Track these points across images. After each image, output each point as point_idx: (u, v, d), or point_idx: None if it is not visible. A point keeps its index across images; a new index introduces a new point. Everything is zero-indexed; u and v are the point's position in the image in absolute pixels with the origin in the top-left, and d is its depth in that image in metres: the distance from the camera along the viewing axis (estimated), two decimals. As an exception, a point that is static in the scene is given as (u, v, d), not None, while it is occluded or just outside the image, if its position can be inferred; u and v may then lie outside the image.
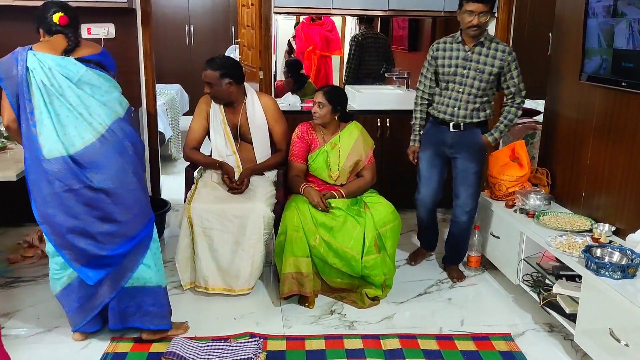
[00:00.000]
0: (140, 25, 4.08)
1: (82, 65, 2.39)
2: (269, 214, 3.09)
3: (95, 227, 2.40)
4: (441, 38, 3.32)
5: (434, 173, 3.40)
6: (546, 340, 2.81)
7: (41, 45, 2.43)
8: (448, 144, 3.32)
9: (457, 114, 3.25)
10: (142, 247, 2.54)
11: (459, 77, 3.21)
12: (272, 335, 2.77)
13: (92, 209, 2.39)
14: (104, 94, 2.43)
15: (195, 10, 8.12)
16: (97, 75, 2.43)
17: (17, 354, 2.56)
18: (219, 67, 3.21)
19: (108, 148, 2.39)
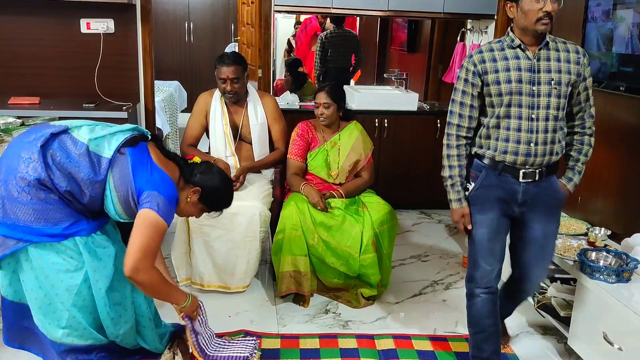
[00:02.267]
0: (139, 21, 4.08)
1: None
2: (265, 212, 3.09)
3: None
4: (483, 46, 2.32)
5: (498, 241, 2.34)
6: (540, 343, 2.82)
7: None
8: (518, 201, 2.28)
9: (534, 152, 2.21)
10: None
11: (526, 97, 2.19)
12: (267, 334, 2.77)
13: None
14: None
15: (195, 7, 8.12)
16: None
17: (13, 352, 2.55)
18: (241, 61, 3.21)
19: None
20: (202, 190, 2.24)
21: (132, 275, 2.01)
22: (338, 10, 4.18)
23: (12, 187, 2.03)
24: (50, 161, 2.03)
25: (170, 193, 2.11)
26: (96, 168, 2.07)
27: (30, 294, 2.13)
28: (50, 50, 4.09)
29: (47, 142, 2.04)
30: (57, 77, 4.14)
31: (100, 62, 4.06)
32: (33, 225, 2.05)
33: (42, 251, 2.08)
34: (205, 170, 2.28)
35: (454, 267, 3.63)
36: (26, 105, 3.84)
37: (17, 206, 2.03)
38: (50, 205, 2.06)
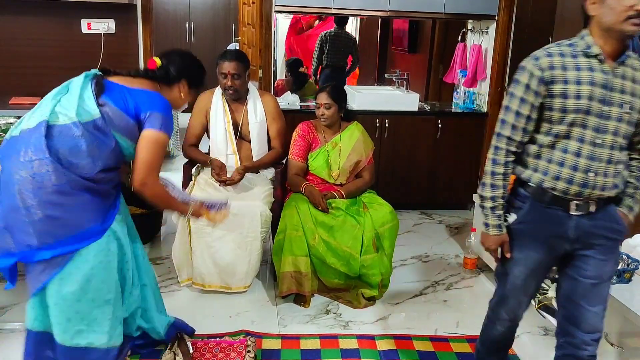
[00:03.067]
0: (140, 21, 4.08)
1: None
2: (266, 212, 3.09)
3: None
4: (550, 47, 1.93)
5: (535, 279, 2.06)
6: (541, 343, 2.82)
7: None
8: (568, 238, 1.93)
9: (592, 184, 1.86)
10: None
11: (594, 118, 1.84)
12: (267, 334, 2.77)
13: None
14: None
15: (196, 7, 8.12)
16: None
17: (12, 348, 2.56)
18: (243, 58, 3.21)
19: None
20: (189, 79, 2.31)
21: (140, 188, 2.12)
22: (339, 10, 4.18)
23: (39, 209, 1.95)
24: (66, 160, 1.98)
25: (161, 102, 2.14)
26: (100, 135, 2.03)
27: (70, 309, 2.06)
28: (51, 50, 4.09)
29: (47, 147, 1.95)
30: (58, 77, 4.08)
31: (101, 63, 4.06)
32: (76, 231, 2.01)
33: (86, 255, 2.05)
34: (170, 62, 2.27)
35: (455, 268, 3.63)
36: (27, 105, 3.83)
37: (53, 222, 1.98)
38: (83, 201, 2.02)
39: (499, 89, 4.36)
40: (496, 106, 4.39)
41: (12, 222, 1.97)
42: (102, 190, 2.08)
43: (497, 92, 4.36)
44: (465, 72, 4.56)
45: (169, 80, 2.26)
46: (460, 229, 4.33)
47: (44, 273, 2.01)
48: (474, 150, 4.50)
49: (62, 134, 1.98)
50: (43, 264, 2.00)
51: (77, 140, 1.98)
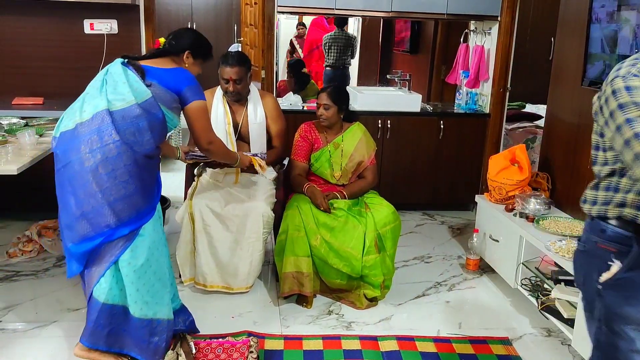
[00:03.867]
0: (143, 22, 4.09)
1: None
2: (268, 213, 3.09)
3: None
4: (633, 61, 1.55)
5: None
6: (544, 344, 2.81)
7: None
8: None
9: None
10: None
11: None
12: (270, 335, 2.76)
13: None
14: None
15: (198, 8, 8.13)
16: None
17: (15, 348, 2.56)
18: (245, 62, 3.22)
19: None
20: (191, 50, 2.54)
21: (209, 147, 2.56)
22: (341, 11, 4.18)
23: (116, 189, 2.19)
24: (131, 141, 2.22)
25: (187, 76, 2.44)
26: (153, 110, 2.29)
27: (139, 281, 2.28)
28: (54, 50, 4.10)
29: (116, 131, 2.19)
30: (61, 78, 4.15)
31: (104, 63, 4.07)
32: (141, 209, 2.27)
33: (151, 225, 2.32)
34: (174, 37, 2.54)
35: (457, 269, 3.63)
36: (30, 105, 3.85)
37: (126, 201, 2.21)
38: (146, 177, 2.30)
39: (502, 89, 4.35)
40: (498, 107, 4.39)
41: (89, 208, 2.19)
42: (154, 167, 2.39)
43: (500, 93, 4.36)
44: (468, 73, 4.55)
45: (176, 52, 2.52)
46: (462, 229, 4.32)
47: (117, 247, 2.24)
48: (477, 151, 4.50)
49: (125, 117, 2.23)
50: (119, 240, 2.23)
51: (138, 119, 2.24)
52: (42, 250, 3.54)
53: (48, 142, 3.02)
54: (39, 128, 3.19)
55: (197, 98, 2.42)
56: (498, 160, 3.53)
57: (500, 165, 3.49)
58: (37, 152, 2.81)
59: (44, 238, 3.56)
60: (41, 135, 3.12)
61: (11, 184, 3.77)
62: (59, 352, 2.56)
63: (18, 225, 3.92)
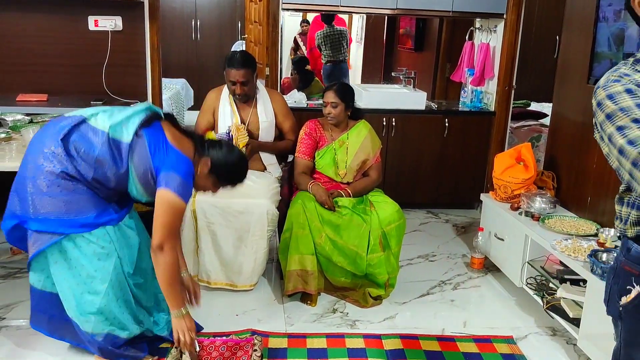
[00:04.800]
0: (147, 19, 4.08)
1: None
2: (273, 211, 3.08)
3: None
4: (618, 68, 1.45)
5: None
6: (549, 344, 2.80)
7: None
8: None
9: None
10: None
11: None
12: (274, 333, 2.76)
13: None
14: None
15: (202, 5, 8.11)
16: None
17: (18, 344, 2.56)
18: (250, 64, 3.20)
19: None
20: (212, 161, 2.29)
21: (157, 250, 2.13)
22: (346, 8, 4.16)
23: (40, 182, 2.11)
24: (74, 153, 2.12)
25: (186, 170, 2.18)
26: (117, 158, 2.14)
27: (64, 284, 2.23)
28: (58, 47, 4.10)
29: (67, 134, 2.12)
30: (65, 74, 4.15)
31: (108, 60, 4.07)
32: (65, 217, 2.14)
33: (75, 242, 2.19)
34: (216, 143, 2.36)
35: (462, 267, 3.62)
36: (34, 102, 3.85)
37: (47, 200, 2.12)
38: (80, 195, 2.15)
39: (507, 87, 4.33)
40: (504, 105, 4.37)
41: (20, 188, 2.16)
42: (101, 194, 2.22)
43: (505, 91, 4.34)
44: (473, 71, 4.54)
45: (201, 153, 2.30)
46: (467, 228, 4.31)
47: (34, 242, 2.17)
48: (481, 149, 4.48)
49: (87, 135, 2.14)
50: (35, 236, 2.16)
51: (95, 147, 2.12)
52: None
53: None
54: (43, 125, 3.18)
55: (172, 189, 2.11)
56: (503, 159, 3.51)
57: (505, 163, 3.48)
58: (41, 149, 2.80)
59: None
60: (45, 132, 3.11)
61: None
62: (61, 348, 2.55)
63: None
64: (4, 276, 3.22)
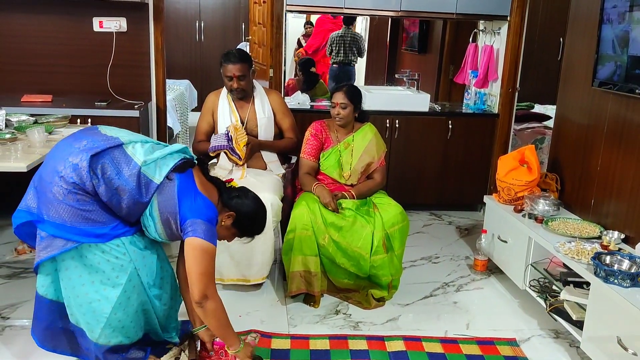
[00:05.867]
0: (152, 20, 4.09)
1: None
2: (277, 202, 3.09)
3: None
4: None
5: None
6: (552, 346, 2.80)
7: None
8: None
9: None
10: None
11: None
12: (277, 334, 2.76)
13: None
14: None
15: (206, 7, 8.14)
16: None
17: (21, 344, 2.57)
18: (246, 59, 3.24)
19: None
20: (237, 215, 2.29)
21: (202, 300, 2.09)
22: (350, 10, 4.17)
23: (57, 190, 2.05)
24: (99, 173, 2.05)
25: (212, 216, 2.16)
26: (143, 190, 2.10)
27: (72, 292, 2.16)
28: (63, 48, 4.11)
29: (100, 152, 2.06)
30: (70, 75, 4.16)
31: (112, 61, 4.08)
32: (80, 226, 2.07)
33: (89, 251, 2.12)
34: (241, 195, 2.33)
35: (465, 269, 3.61)
36: (39, 103, 3.86)
37: (63, 208, 2.06)
38: (94, 208, 2.08)
39: (510, 89, 4.33)
40: (507, 107, 4.37)
41: (39, 187, 2.11)
42: (94, 215, 2.11)
43: (509, 93, 4.34)
44: (477, 73, 4.54)
45: (225, 202, 2.28)
46: (470, 230, 4.31)
47: (45, 245, 2.09)
48: (485, 151, 4.48)
49: (119, 161, 2.08)
50: (47, 240, 2.08)
51: (122, 176, 2.07)
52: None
53: (57, 139, 3.02)
54: (48, 125, 3.19)
55: (200, 235, 2.07)
56: (507, 161, 3.51)
57: (509, 165, 3.48)
58: (46, 150, 2.81)
59: (52, 235, 3.57)
60: (50, 132, 3.13)
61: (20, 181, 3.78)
62: (66, 349, 2.56)
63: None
64: (9, 276, 3.23)
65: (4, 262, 3.38)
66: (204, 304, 2.10)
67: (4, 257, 3.44)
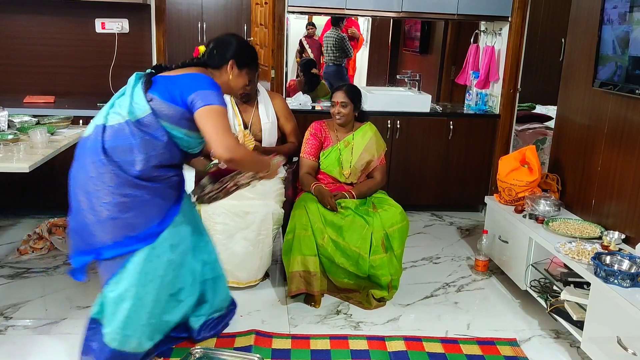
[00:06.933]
0: (154, 22, 4.11)
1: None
2: (278, 211, 3.11)
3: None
4: None
5: None
6: (552, 346, 2.80)
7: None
8: None
9: None
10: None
11: None
12: (278, 334, 2.77)
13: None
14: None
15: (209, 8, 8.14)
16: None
17: (24, 345, 2.58)
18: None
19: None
20: (235, 59, 2.26)
21: (229, 155, 2.07)
22: (352, 11, 4.18)
23: (100, 210, 2.06)
24: (120, 158, 2.07)
25: (204, 81, 2.13)
26: (151, 131, 2.09)
27: (121, 306, 2.16)
28: (65, 49, 4.13)
29: (102, 148, 2.07)
30: (72, 76, 4.18)
31: (114, 62, 4.10)
32: (132, 234, 2.10)
33: (141, 255, 2.14)
34: (215, 46, 2.29)
35: (466, 270, 3.62)
36: (41, 104, 3.88)
37: (110, 224, 2.07)
38: (139, 205, 2.10)
39: (512, 90, 4.33)
40: (508, 108, 4.38)
41: (78, 224, 2.11)
42: (159, 191, 2.15)
43: (510, 94, 4.34)
44: (478, 74, 4.54)
45: (216, 63, 2.26)
46: (471, 230, 4.31)
47: (106, 271, 2.14)
48: (486, 151, 4.48)
49: (116, 134, 2.08)
50: (106, 263, 2.12)
51: (129, 138, 2.06)
52: (52, 247, 3.56)
53: (59, 140, 3.05)
54: (50, 126, 3.21)
55: (206, 103, 2.07)
56: (508, 162, 3.52)
57: (510, 166, 3.48)
58: (48, 150, 2.83)
59: (55, 236, 3.59)
60: (52, 133, 3.14)
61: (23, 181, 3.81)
62: (68, 349, 2.57)
63: (29, 222, 3.95)
64: (12, 276, 3.24)
65: (6, 262, 3.39)
66: (233, 157, 2.08)
67: (7, 257, 3.45)
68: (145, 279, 2.16)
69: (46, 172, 3.07)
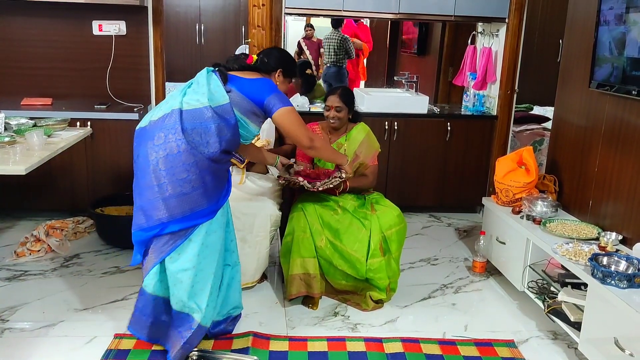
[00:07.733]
0: (151, 23, 4.11)
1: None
2: (276, 213, 3.11)
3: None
4: None
5: None
6: (550, 348, 2.80)
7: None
8: None
9: None
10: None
11: None
12: (275, 336, 2.77)
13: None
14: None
15: (207, 10, 8.15)
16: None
17: (21, 347, 2.58)
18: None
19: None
20: (283, 69, 2.66)
21: (311, 144, 2.60)
22: (349, 12, 4.18)
23: (174, 185, 2.29)
24: (195, 141, 2.31)
25: (271, 86, 2.53)
26: (227, 117, 2.38)
27: (184, 275, 2.39)
28: (62, 51, 4.13)
29: (182, 129, 2.29)
30: (69, 79, 4.18)
31: (111, 64, 4.09)
32: (199, 208, 2.34)
33: (204, 229, 2.39)
34: (266, 55, 2.67)
35: (464, 271, 3.62)
36: (38, 106, 3.87)
37: (175, 201, 2.30)
38: (213, 178, 2.38)
39: (509, 91, 4.34)
40: (506, 109, 4.38)
41: (146, 201, 2.33)
42: (220, 172, 2.44)
43: (507, 95, 4.35)
44: (475, 75, 4.55)
45: (267, 69, 2.63)
46: (469, 232, 4.31)
47: (167, 244, 2.36)
48: (484, 153, 4.49)
49: (194, 117, 2.33)
50: (169, 236, 2.35)
51: (207, 121, 2.33)
52: (50, 250, 3.56)
53: (56, 142, 3.04)
54: (47, 129, 3.20)
55: (281, 105, 2.47)
56: (505, 163, 3.52)
57: (507, 167, 3.48)
58: (45, 153, 2.82)
59: (52, 238, 3.59)
60: (49, 135, 3.14)
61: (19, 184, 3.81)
62: (65, 351, 2.57)
63: (26, 225, 3.95)
64: (9, 278, 3.24)
65: (4, 265, 3.39)
66: (313, 145, 2.60)
67: (4, 260, 3.45)
68: (206, 251, 2.41)
69: (43, 174, 3.06)
